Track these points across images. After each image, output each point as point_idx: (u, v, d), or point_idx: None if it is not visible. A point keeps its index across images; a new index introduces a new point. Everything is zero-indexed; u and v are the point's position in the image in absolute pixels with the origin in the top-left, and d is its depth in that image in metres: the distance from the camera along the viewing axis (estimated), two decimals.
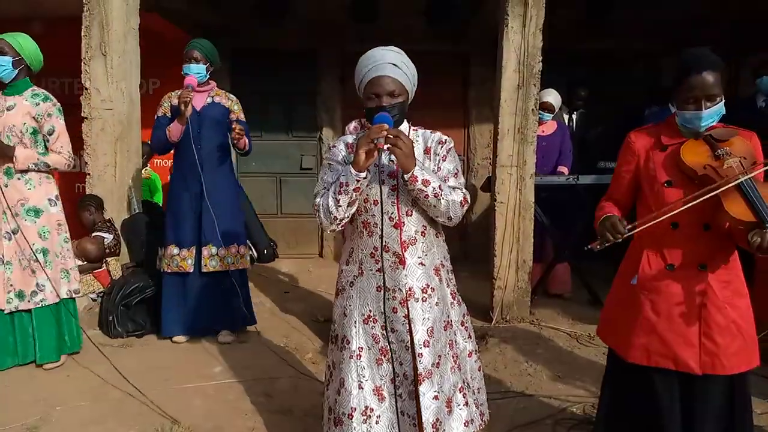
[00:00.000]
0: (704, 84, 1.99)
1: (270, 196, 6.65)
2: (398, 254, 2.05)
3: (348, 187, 1.95)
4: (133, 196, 4.44)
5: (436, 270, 2.13)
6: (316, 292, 5.30)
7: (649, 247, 2.14)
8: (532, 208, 4.36)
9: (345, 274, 2.17)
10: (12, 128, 3.36)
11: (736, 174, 1.95)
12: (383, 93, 2.02)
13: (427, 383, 2.01)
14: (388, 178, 2.05)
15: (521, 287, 4.41)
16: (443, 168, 2.11)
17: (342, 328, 2.13)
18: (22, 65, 3.38)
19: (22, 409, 2.98)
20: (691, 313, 2.05)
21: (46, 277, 3.44)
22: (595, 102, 5.84)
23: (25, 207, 3.41)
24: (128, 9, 4.27)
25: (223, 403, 3.09)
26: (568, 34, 5.85)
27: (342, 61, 6.51)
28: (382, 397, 2.05)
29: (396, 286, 2.05)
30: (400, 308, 2.05)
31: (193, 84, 3.75)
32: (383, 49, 2.08)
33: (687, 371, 2.04)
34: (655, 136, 2.17)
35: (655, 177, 2.11)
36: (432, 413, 2.00)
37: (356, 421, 2.01)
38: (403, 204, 2.06)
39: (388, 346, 2.05)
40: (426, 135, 2.16)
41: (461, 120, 6.66)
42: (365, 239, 2.09)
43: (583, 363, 3.66)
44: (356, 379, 2.04)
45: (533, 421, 2.87)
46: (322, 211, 2.04)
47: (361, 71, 2.09)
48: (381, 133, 1.89)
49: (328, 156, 2.17)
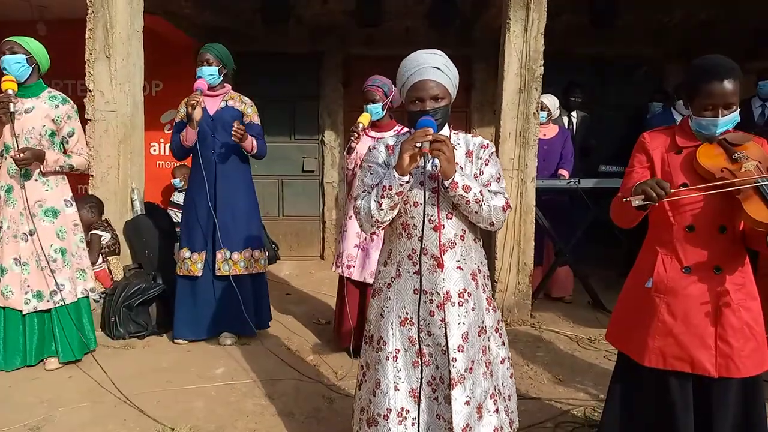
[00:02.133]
0: (724, 92, 1.99)
1: (272, 198, 6.67)
2: (437, 257, 2.05)
3: (391, 191, 1.95)
4: (136, 198, 4.45)
5: (473, 275, 2.11)
6: (318, 294, 5.31)
7: (663, 249, 2.13)
8: (533, 212, 4.38)
9: (383, 276, 2.16)
10: (31, 131, 3.39)
11: (755, 177, 1.95)
12: (427, 97, 2.01)
13: (459, 388, 2.00)
14: (430, 181, 2.03)
15: (522, 290, 4.42)
16: (485, 172, 2.11)
17: (378, 330, 2.13)
18: (34, 63, 3.42)
19: (24, 409, 2.99)
20: (708, 316, 2.05)
21: (66, 277, 3.47)
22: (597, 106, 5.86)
23: (43, 208, 3.44)
24: (132, 12, 4.29)
25: (224, 405, 3.10)
26: (570, 39, 5.87)
27: (345, 65, 6.54)
28: (419, 399, 2.04)
29: (434, 289, 2.05)
30: (437, 312, 2.04)
31: (203, 87, 3.74)
32: (425, 53, 2.05)
33: (703, 374, 2.04)
34: (669, 138, 2.17)
35: (671, 179, 2.10)
36: (462, 418, 1.99)
37: (392, 422, 2.01)
38: (444, 207, 2.05)
39: (425, 349, 2.05)
40: (467, 138, 2.15)
41: (463, 123, 6.67)
42: (404, 241, 2.09)
43: (584, 366, 3.66)
44: (392, 381, 2.04)
45: (534, 424, 2.87)
46: (363, 213, 2.04)
47: (404, 75, 2.06)
48: (425, 137, 1.89)
49: (368, 158, 2.15)
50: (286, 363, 3.62)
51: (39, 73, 3.49)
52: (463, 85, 6.59)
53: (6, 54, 3.33)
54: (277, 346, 3.95)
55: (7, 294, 3.40)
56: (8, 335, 3.43)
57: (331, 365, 3.62)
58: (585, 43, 6.13)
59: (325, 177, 6.72)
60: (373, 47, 6.40)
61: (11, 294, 3.41)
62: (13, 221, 3.42)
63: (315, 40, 6.44)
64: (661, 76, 6.46)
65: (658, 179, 1.96)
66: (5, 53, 3.33)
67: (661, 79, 6.41)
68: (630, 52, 6.32)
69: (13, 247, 3.42)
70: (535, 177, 4.35)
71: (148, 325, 4.05)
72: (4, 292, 3.40)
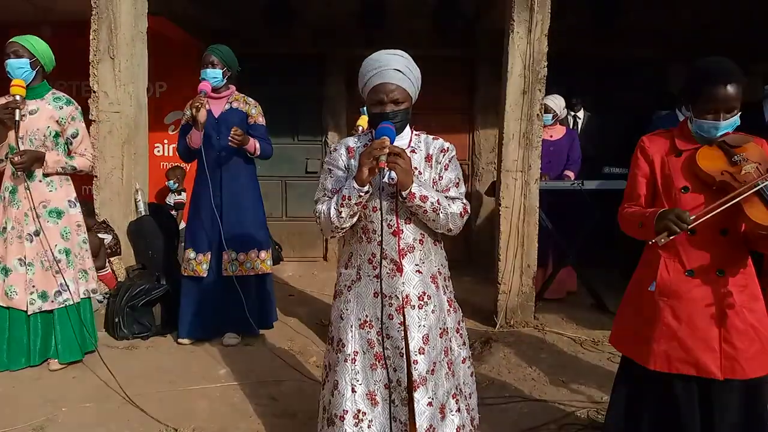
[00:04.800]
0: (726, 97, 1.98)
1: (275, 199, 6.67)
2: (396, 262, 2.06)
3: (350, 201, 1.97)
4: (140, 199, 4.46)
5: (433, 278, 2.13)
6: (321, 295, 5.31)
7: (666, 253, 2.13)
8: (536, 213, 4.37)
9: (343, 278, 2.18)
10: (36, 132, 3.41)
11: (755, 179, 1.95)
12: (387, 101, 2.01)
13: (422, 390, 2.02)
14: (388, 187, 2.04)
15: (525, 292, 4.41)
16: (444, 177, 2.11)
17: (338, 331, 2.15)
18: (38, 66, 3.42)
19: (29, 409, 3.00)
20: (713, 319, 2.05)
21: (70, 277, 3.48)
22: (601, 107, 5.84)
23: (48, 209, 3.46)
24: (136, 13, 4.30)
25: (227, 406, 3.10)
26: (574, 40, 5.86)
27: (349, 66, 6.53)
28: (375, 402, 2.06)
29: (393, 293, 2.06)
30: (396, 315, 2.06)
31: (207, 89, 3.74)
32: (387, 54, 2.06)
33: (709, 377, 2.04)
34: (669, 141, 2.17)
35: (672, 183, 2.10)
36: (426, 419, 2.01)
37: (347, 423, 2.03)
38: (402, 212, 2.06)
39: (383, 352, 2.06)
40: (428, 141, 2.15)
41: (466, 125, 6.67)
42: (364, 245, 2.11)
43: (587, 368, 3.65)
44: (349, 383, 2.06)
45: (537, 426, 2.87)
46: (323, 218, 2.06)
47: (365, 75, 2.07)
48: (383, 150, 1.90)
49: (329, 160, 2.15)
50: (289, 364, 3.62)
51: (44, 73, 3.49)
52: (466, 87, 6.68)
53: (11, 57, 3.33)
54: (281, 347, 3.95)
55: (11, 294, 3.42)
56: (13, 335, 3.44)
57: None
58: (588, 45, 6.12)
59: None
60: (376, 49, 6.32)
61: (15, 294, 3.42)
62: (18, 222, 3.43)
63: (318, 41, 6.45)
64: (665, 77, 6.44)
65: (677, 211, 1.94)
66: (10, 56, 3.33)
67: (665, 80, 6.40)
68: (633, 53, 6.31)
69: (17, 248, 3.43)
70: (539, 178, 4.34)
71: (151, 325, 4.05)
72: (8, 293, 3.42)
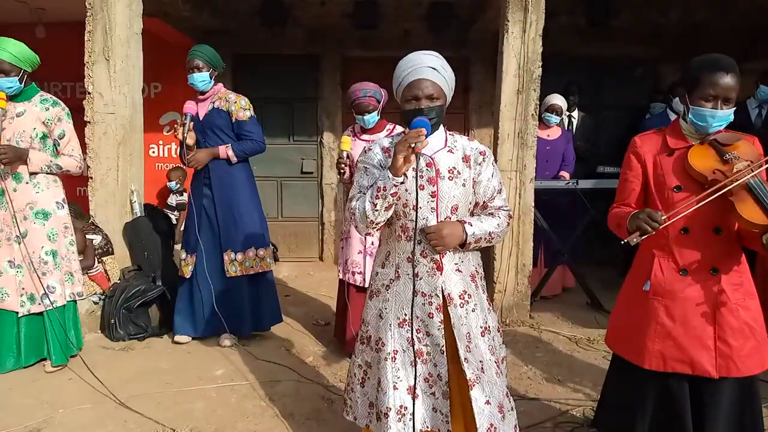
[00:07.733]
0: (726, 84, 1.99)
1: (271, 199, 6.67)
2: (436, 260, 2.07)
3: (386, 192, 1.96)
4: (136, 200, 4.46)
5: (472, 276, 2.14)
6: (317, 295, 5.32)
7: (660, 252, 2.14)
8: (531, 213, 4.39)
9: (381, 277, 2.18)
10: (22, 134, 3.40)
11: (746, 177, 1.96)
12: (422, 96, 2.01)
13: (477, 388, 2.04)
14: (428, 184, 2.05)
15: (521, 291, 4.43)
16: (489, 186, 2.13)
17: (377, 330, 2.15)
18: (25, 76, 3.40)
19: (25, 411, 2.99)
20: (707, 317, 2.06)
21: (57, 279, 3.48)
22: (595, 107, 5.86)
23: (34, 210, 3.45)
24: (131, 14, 4.29)
25: (224, 406, 3.10)
26: (567, 39, 5.89)
27: (343, 67, 6.55)
28: (416, 395, 2.07)
29: (433, 291, 2.07)
30: (436, 313, 2.06)
31: (192, 113, 3.78)
32: (422, 53, 2.07)
33: (704, 375, 2.05)
34: (661, 139, 2.17)
35: (664, 182, 2.11)
36: (486, 418, 2.02)
37: (392, 420, 2.06)
38: (442, 210, 2.07)
39: (423, 349, 2.08)
40: (464, 142, 2.15)
41: (461, 124, 6.68)
42: (403, 243, 2.11)
43: (583, 366, 3.67)
44: (391, 380, 2.08)
45: (533, 425, 2.89)
46: (358, 214, 2.04)
47: (400, 74, 2.07)
48: (419, 138, 1.89)
49: (364, 159, 2.16)
50: (285, 365, 3.63)
51: (31, 76, 3.46)
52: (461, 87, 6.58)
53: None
54: (277, 347, 3.95)
55: (3, 296, 3.42)
56: (2, 337, 3.44)
57: (330, 367, 3.63)
58: (581, 44, 6.15)
59: (323, 178, 6.73)
60: (370, 49, 6.42)
61: (7, 296, 3.42)
62: (6, 224, 3.42)
63: (313, 42, 6.46)
64: (657, 76, 6.47)
65: (648, 211, 1.96)
66: None
67: (657, 79, 6.43)
68: (626, 52, 6.34)
69: (7, 250, 3.43)
70: (534, 178, 4.36)
71: (147, 326, 4.05)
72: (0, 295, 3.41)
